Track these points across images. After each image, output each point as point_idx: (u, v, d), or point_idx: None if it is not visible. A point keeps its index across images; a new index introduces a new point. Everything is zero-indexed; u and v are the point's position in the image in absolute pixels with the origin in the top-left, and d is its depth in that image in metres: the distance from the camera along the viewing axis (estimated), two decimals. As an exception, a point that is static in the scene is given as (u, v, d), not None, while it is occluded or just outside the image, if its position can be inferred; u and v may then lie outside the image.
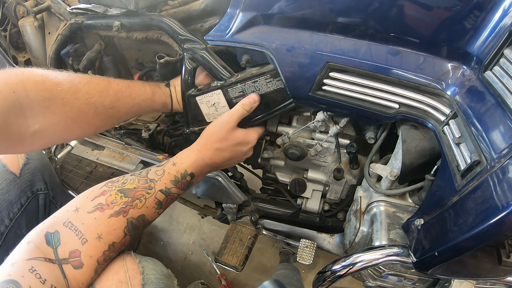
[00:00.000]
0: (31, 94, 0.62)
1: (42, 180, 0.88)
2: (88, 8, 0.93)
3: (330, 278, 0.71)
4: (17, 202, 0.82)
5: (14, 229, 0.81)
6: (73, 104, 0.68)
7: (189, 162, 0.74)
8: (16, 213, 0.82)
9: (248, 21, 0.72)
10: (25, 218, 0.84)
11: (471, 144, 0.55)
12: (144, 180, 0.68)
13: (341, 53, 0.67)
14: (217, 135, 0.77)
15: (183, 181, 0.72)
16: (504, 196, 0.45)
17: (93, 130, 0.77)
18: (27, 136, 0.64)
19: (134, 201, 0.64)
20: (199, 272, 1.38)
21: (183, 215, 1.56)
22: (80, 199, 0.64)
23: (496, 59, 0.54)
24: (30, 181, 0.85)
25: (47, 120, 0.66)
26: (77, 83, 0.70)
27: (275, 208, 1.10)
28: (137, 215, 0.65)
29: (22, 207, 0.83)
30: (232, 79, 0.80)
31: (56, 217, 0.61)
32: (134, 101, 0.79)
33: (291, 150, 0.88)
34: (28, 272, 0.51)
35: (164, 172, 0.70)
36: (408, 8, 0.60)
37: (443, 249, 0.53)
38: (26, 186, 0.84)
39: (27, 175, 0.85)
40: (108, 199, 0.63)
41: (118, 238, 0.63)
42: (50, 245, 0.56)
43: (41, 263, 0.53)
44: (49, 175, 0.91)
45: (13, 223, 0.81)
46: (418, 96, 0.64)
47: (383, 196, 0.76)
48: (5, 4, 1.03)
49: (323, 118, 0.81)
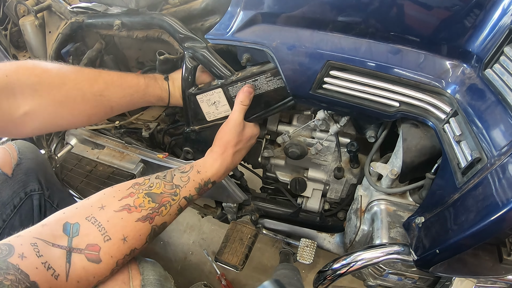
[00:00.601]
0: (22, 78, 0.66)
1: (36, 180, 0.86)
2: (89, 7, 0.93)
3: (330, 277, 0.71)
4: (10, 203, 0.81)
5: (8, 230, 0.80)
6: (60, 88, 0.71)
7: (213, 171, 0.76)
8: (9, 214, 0.81)
9: (248, 20, 0.72)
10: (19, 219, 0.82)
11: (471, 142, 0.55)
12: (170, 185, 0.69)
13: (341, 52, 0.67)
14: (233, 140, 0.80)
15: (205, 188, 0.76)
16: (504, 193, 0.45)
17: (85, 118, 0.78)
18: (18, 116, 0.67)
19: (160, 207, 0.65)
20: (199, 272, 1.38)
21: (183, 214, 1.54)
22: (105, 197, 0.63)
23: (496, 57, 0.54)
24: (23, 181, 0.84)
25: (36, 102, 0.68)
26: (65, 70, 0.73)
27: (275, 208, 1.09)
28: (161, 222, 0.66)
29: (15, 208, 0.82)
30: (232, 77, 0.80)
31: (79, 209, 0.60)
32: (125, 91, 0.79)
33: (292, 149, 0.88)
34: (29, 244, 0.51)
35: (189, 179, 0.72)
36: (408, 7, 0.61)
37: (444, 247, 0.53)
38: (19, 186, 0.83)
39: (20, 176, 0.83)
40: (136, 202, 0.63)
41: (140, 244, 0.64)
42: (67, 234, 0.56)
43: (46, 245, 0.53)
44: (44, 174, 0.90)
45: (6, 225, 0.80)
46: (419, 95, 0.65)
47: (383, 195, 0.77)
48: (6, 3, 1.03)
49: (323, 116, 0.81)
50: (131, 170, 1.02)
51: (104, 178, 1.02)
